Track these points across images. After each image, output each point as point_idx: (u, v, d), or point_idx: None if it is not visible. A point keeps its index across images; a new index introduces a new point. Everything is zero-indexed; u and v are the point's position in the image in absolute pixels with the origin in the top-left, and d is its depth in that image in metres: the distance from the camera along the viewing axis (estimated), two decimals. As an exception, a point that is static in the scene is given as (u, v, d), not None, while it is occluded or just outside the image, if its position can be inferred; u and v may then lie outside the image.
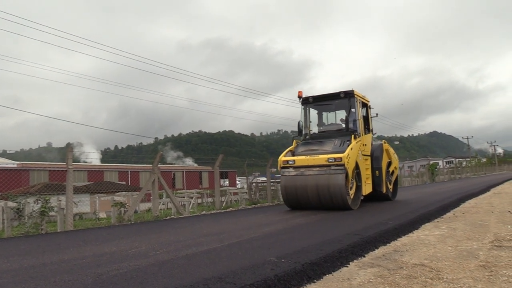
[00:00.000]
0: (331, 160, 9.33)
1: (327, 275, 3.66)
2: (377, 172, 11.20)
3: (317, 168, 9.55)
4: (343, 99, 10.73)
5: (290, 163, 10.01)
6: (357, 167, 9.96)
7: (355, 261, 4.24)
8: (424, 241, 5.31)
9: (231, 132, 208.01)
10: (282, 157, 10.29)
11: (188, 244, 5.06)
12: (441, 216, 8.01)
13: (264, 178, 18.98)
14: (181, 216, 10.52)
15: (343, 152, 9.39)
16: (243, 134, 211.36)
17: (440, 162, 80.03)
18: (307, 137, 11.26)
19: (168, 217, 10.52)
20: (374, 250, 4.81)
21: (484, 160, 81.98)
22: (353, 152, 9.61)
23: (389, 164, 12.25)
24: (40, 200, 8.49)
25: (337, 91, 10.75)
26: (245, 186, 22.20)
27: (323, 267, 3.81)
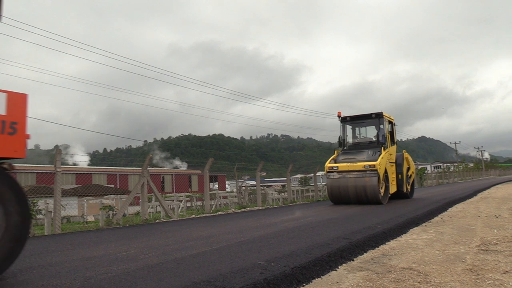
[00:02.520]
0: (367, 167, 12.04)
1: (316, 279, 3.68)
2: (399, 175, 13.95)
3: (356, 173, 12.22)
4: (374, 118, 13.59)
5: (334, 168, 12.74)
6: (385, 172, 12.62)
7: (344, 264, 4.26)
8: (412, 245, 5.36)
9: (221, 135, 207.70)
10: (327, 164, 13.06)
11: (177, 248, 5.05)
12: (429, 220, 8.09)
13: (253, 182, 18.98)
14: (170, 220, 10.47)
15: (375, 160, 12.12)
16: (233, 137, 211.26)
17: (428, 167, 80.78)
18: (345, 147, 14.03)
19: (157, 221, 10.46)
20: (362, 254, 4.84)
21: (471, 165, 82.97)
22: (383, 160, 12.38)
23: (408, 169, 15.03)
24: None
25: (370, 113, 13.66)
26: (235, 190, 22.18)
27: (312, 271, 3.83)
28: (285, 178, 20.26)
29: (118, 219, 9.69)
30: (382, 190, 12.20)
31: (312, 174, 23.07)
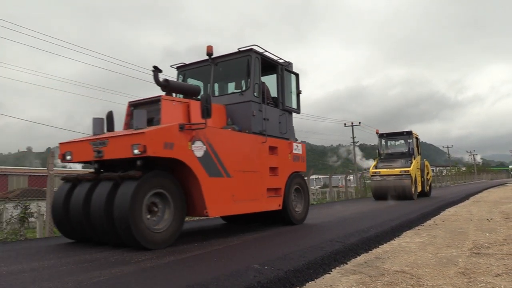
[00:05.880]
0: (403, 172, 15.90)
1: (309, 282, 3.69)
2: (422, 178, 17.65)
3: (394, 176, 16.05)
4: (405, 135, 17.93)
5: (377, 173, 16.68)
6: (415, 176, 16.36)
7: (337, 268, 4.28)
8: (405, 248, 5.39)
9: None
10: (371, 170, 17.18)
11: (171, 251, 5.03)
12: (422, 224, 8.13)
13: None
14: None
15: (409, 167, 15.99)
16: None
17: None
18: (382, 157, 17.93)
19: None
20: (356, 257, 4.87)
21: (464, 169, 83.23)
22: (414, 167, 16.27)
23: (427, 173, 18.95)
24: (19, 205, 8.31)
25: (402, 131, 18.17)
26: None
27: (305, 274, 3.84)
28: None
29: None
30: (413, 189, 15.92)
31: (306, 178, 23.07)
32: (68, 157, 6.05)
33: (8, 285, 3.50)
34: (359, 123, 44.43)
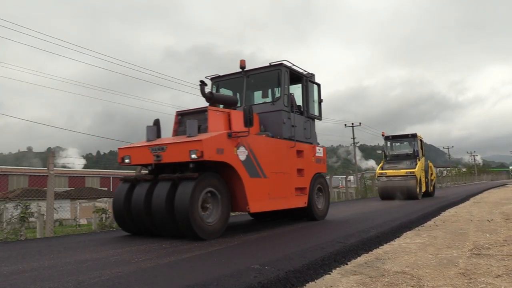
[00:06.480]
0: (408, 173, 16.56)
1: (310, 283, 3.69)
2: (426, 179, 18.24)
3: (399, 177, 16.71)
4: (410, 138, 18.49)
5: (383, 174, 17.40)
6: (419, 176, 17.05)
7: (337, 268, 4.27)
8: (405, 249, 5.39)
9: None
10: (378, 170, 18.04)
11: (171, 251, 5.03)
12: (422, 225, 8.13)
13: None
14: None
15: (414, 168, 16.70)
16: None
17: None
18: (388, 158, 18.61)
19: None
20: (356, 257, 4.86)
21: (464, 169, 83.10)
22: (419, 168, 16.99)
23: (431, 174, 19.64)
24: (20, 205, 8.31)
25: (407, 133, 18.76)
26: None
27: (306, 275, 3.84)
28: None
29: (111, 223, 9.62)
30: (418, 190, 16.57)
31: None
32: (127, 160, 6.73)
33: (9, 285, 3.50)
34: (360, 123, 44.41)
